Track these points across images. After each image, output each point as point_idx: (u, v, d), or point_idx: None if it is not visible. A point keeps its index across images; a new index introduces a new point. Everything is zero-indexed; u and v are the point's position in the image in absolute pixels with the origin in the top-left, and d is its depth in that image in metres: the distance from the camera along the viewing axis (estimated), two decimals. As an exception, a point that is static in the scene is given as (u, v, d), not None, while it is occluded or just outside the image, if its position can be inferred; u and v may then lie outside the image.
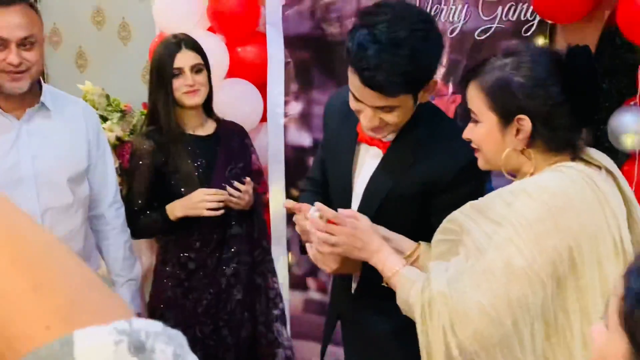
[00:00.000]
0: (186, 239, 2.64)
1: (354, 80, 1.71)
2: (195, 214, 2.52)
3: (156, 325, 0.41)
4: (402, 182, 1.83)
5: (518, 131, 1.53)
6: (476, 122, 1.60)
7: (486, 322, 1.42)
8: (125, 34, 3.92)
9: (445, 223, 1.60)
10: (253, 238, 2.75)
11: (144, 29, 3.59)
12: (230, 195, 2.55)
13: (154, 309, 2.70)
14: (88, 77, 3.75)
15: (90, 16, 3.98)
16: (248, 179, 2.61)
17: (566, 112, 1.52)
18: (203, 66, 2.61)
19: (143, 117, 3.06)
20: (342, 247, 1.67)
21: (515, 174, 1.61)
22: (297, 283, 3.34)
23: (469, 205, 1.56)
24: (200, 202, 2.51)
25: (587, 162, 1.56)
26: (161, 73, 2.56)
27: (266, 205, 3.16)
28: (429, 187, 1.81)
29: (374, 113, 1.73)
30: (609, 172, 1.57)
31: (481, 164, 1.63)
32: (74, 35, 4.04)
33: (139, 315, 2.52)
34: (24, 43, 2.10)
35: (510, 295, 1.41)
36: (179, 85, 2.55)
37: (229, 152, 2.71)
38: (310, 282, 3.32)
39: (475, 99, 1.58)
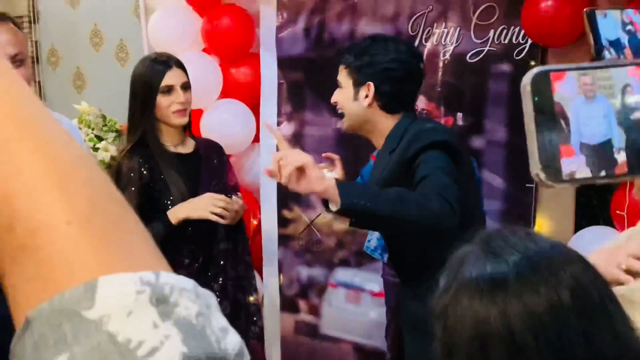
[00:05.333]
0: (175, 257, 2.62)
1: None
2: (199, 215, 2.50)
3: (186, 282, 0.41)
4: (384, 171, 2.12)
5: None
6: None
7: None
8: (123, 55, 3.94)
9: None
10: (237, 253, 2.76)
11: (142, 51, 3.61)
12: (226, 209, 2.57)
13: None
14: (85, 98, 3.77)
15: (88, 37, 4.01)
16: (240, 194, 2.66)
17: None
18: (189, 85, 2.61)
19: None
20: None
21: None
22: (288, 304, 3.32)
23: None
24: (207, 204, 2.52)
25: None
26: (147, 90, 2.53)
27: (254, 225, 3.17)
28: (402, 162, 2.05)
29: None
30: None
31: None
32: (72, 56, 4.07)
33: None
34: (14, 60, 2.09)
35: None
36: (170, 103, 2.53)
37: (211, 168, 2.72)
38: (302, 303, 3.30)
39: None
